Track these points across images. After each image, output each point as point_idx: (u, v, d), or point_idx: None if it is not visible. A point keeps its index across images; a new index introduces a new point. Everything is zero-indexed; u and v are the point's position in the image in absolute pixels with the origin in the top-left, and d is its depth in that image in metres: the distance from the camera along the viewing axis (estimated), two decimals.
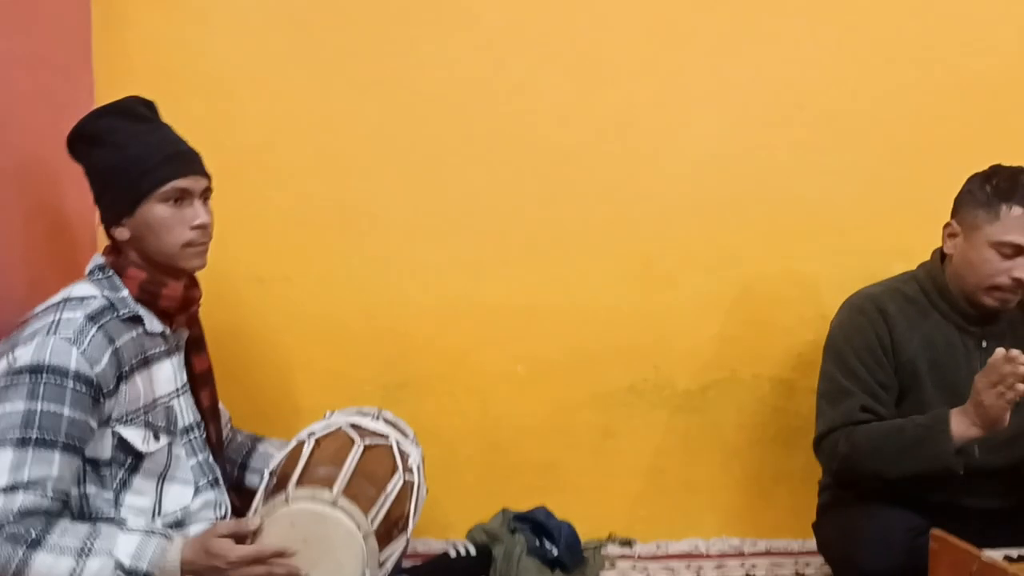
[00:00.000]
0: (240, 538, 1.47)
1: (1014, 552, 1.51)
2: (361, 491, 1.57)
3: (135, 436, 1.53)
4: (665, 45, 2.24)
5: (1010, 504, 1.85)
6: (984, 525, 1.68)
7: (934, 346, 1.85)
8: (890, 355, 1.85)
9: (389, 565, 1.58)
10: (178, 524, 1.58)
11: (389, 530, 1.60)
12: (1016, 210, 1.75)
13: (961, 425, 1.69)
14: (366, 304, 2.23)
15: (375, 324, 2.23)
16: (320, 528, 1.49)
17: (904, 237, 2.10)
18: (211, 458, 1.69)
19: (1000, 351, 1.62)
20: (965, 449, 1.71)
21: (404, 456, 1.72)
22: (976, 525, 1.66)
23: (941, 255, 1.90)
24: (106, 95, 2.03)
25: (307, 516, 1.49)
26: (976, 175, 1.86)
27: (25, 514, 1.39)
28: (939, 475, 1.73)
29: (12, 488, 1.38)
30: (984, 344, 1.85)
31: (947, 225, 1.87)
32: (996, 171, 1.83)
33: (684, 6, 2.24)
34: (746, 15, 2.24)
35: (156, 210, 1.55)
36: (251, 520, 1.50)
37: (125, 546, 1.42)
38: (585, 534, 2.14)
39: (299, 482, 1.54)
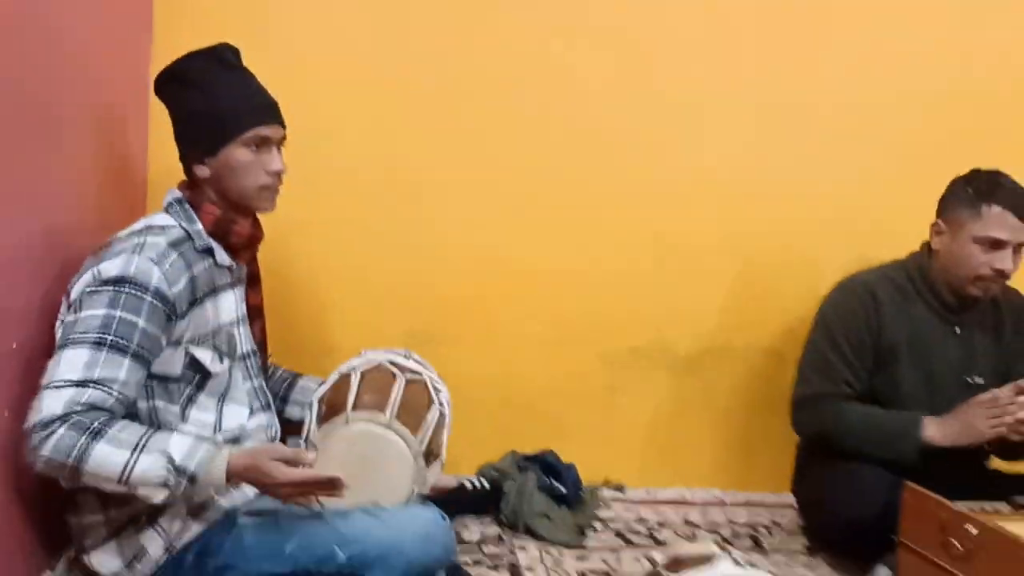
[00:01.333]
0: (293, 464, 1.51)
1: (977, 505, 1.73)
2: (408, 417, 1.73)
3: (205, 356, 1.63)
4: (688, 36, 2.41)
5: (966, 461, 2.05)
6: (948, 483, 1.84)
7: (915, 330, 2.06)
8: (875, 335, 2.04)
9: (429, 485, 1.75)
10: (235, 440, 1.68)
11: (428, 455, 1.78)
12: (996, 208, 1.95)
13: (935, 431, 1.90)
14: (399, 256, 2.37)
15: (406, 275, 2.37)
16: (376, 447, 1.65)
17: (896, 225, 2.28)
18: (264, 384, 1.82)
19: (1007, 388, 1.83)
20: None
21: (437, 391, 1.89)
22: (941, 483, 1.82)
23: (928, 249, 2.10)
24: (164, 41, 2.13)
25: (365, 436, 1.65)
26: (958, 179, 2.06)
27: (91, 407, 1.45)
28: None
29: (83, 383, 1.45)
30: (958, 331, 2.07)
31: (934, 224, 2.07)
32: (976, 174, 2.03)
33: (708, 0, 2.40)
34: (763, 12, 2.42)
35: (238, 153, 1.64)
36: (307, 453, 1.53)
37: (178, 445, 1.46)
38: (583, 479, 2.31)
39: (354, 407, 1.70)
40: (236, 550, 1.56)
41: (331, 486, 1.51)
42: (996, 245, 1.95)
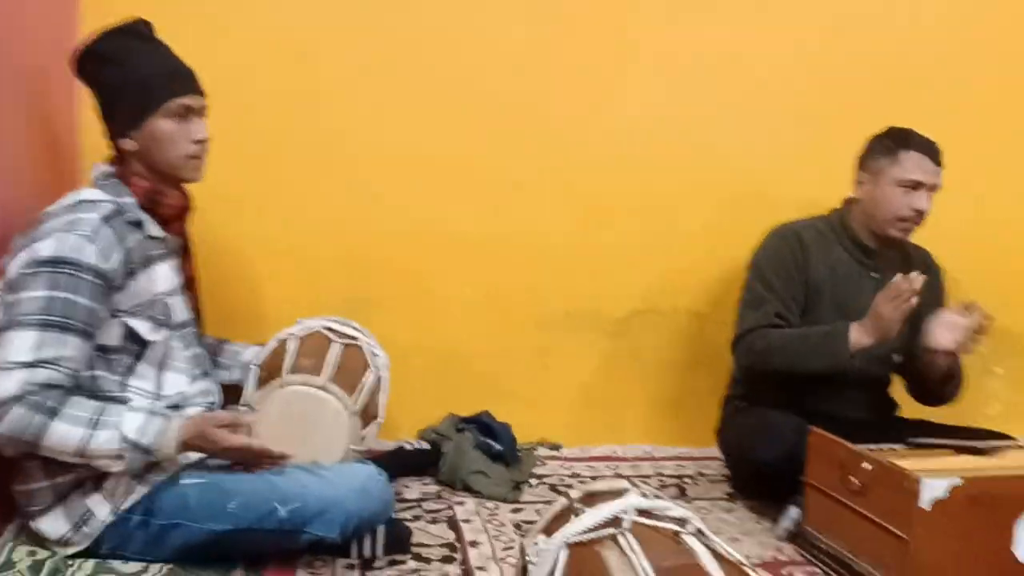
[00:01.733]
0: (235, 428, 1.63)
1: (874, 446, 1.88)
2: (343, 380, 1.82)
3: (142, 326, 1.69)
4: (618, 9, 2.50)
5: (874, 410, 2.27)
6: (855, 429, 1.99)
7: (836, 273, 2.22)
8: (802, 274, 2.20)
9: (366, 443, 1.83)
10: (176, 407, 1.74)
11: (365, 416, 1.86)
12: (913, 154, 2.14)
13: (858, 335, 2.03)
14: (333, 225, 2.42)
15: (341, 244, 2.43)
16: (312, 407, 1.73)
17: (809, 191, 2.42)
18: (201, 351, 1.88)
19: (900, 275, 1.99)
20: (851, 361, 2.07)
21: (374, 356, 1.98)
22: (850, 428, 1.97)
23: (848, 203, 2.26)
24: (92, 13, 2.13)
25: (301, 396, 1.73)
26: (874, 136, 2.23)
27: (45, 387, 1.53)
28: (832, 376, 2.08)
29: (33, 364, 1.52)
30: (874, 275, 2.23)
31: (857, 173, 2.23)
32: (891, 129, 2.22)
33: None
34: None
35: (162, 125, 1.69)
36: (247, 415, 1.66)
37: (131, 422, 1.56)
38: (520, 438, 2.40)
39: (291, 370, 1.78)
40: (180, 510, 1.63)
41: (277, 457, 1.62)
42: (914, 186, 2.13)
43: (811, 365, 2.08)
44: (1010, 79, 2.71)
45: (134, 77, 1.68)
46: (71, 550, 1.65)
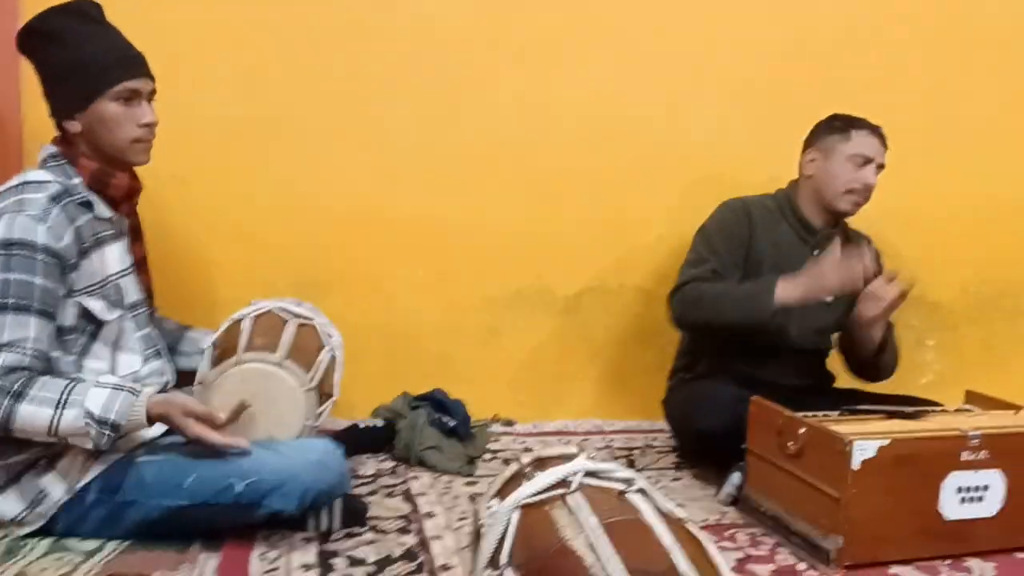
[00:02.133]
0: (204, 421, 1.63)
1: (810, 414, 1.96)
2: (299, 359, 1.84)
3: (95, 305, 1.70)
4: None
5: (813, 382, 2.36)
6: (795, 400, 2.06)
7: (779, 249, 2.30)
8: (745, 247, 2.28)
9: (322, 420, 1.86)
10: None
11: (321, 394, 1.89)
12: (863, 132, 2.25)
13: (785, 288, 2.10)
14: (282, 208, 2.44)
15: (290, 227, 2.45)
16: (267, 384, 1.75)
17: (750, 173, 2.50)
18: (153, 332, 1.89)
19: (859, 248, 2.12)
20: (782, 326, 2.17)
21: (328, 335, 2.00)
22: (789, 399, 2.04)
23: (795, 183, 2.35)
24: None
25: (256, 373, 1.75)
26: (821, 120, 2.32)
27: (8, 370, 1.54)
28: (773, 346, 2.16)
29: None
30: (815, 252, 2.32)
31: (805, 153, 2.32)
32: (838, 114, 2.31)
33: None
34: None
35: (108, 107, 1.69)
36: (218, 414, 1.64)
37: (95, 398, 1.56)
38: (473, 415, 2.43)
39: (246, 349, 1.79)
40: (137, 486, 1.65)
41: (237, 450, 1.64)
42: (864, 162, 2.24)
43: (736, 316, 2.12)
44: (945, 63, 2.81)
45: (82, 58, 1.68)
46: (26, 530, 1.66)
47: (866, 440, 1.71)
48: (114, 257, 1.78)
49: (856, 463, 1.69)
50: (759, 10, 2.67)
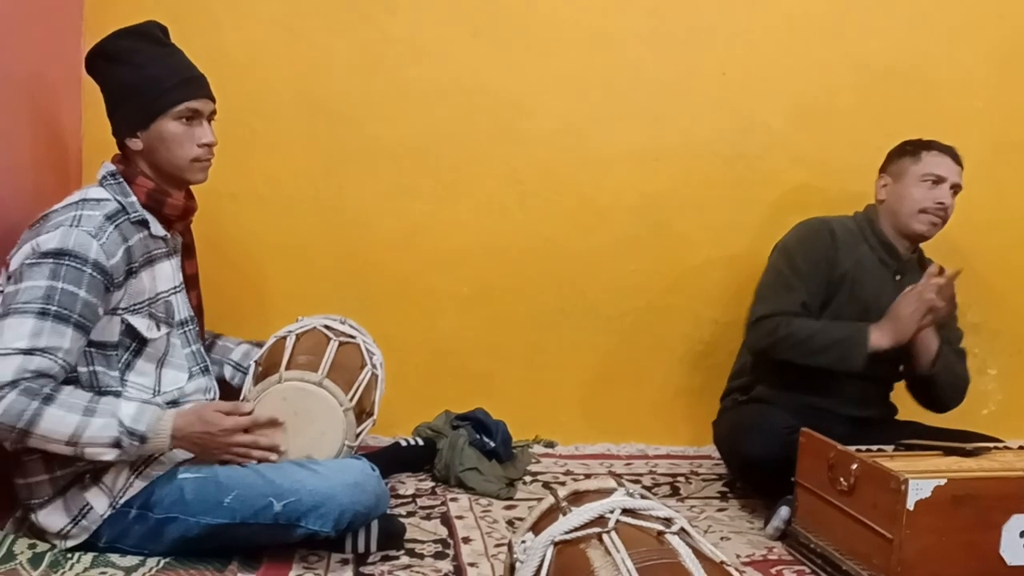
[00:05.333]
0: (232, 412, 1.67)
1: (863, 448, 1.90)
2: (339, 377, 1.84)
3: (141, 324, 1.72)
4: (614, 15, 2.53)
5: (873, 413, 2.28)
6: (851, 430, 2.04)
7: (861, 269, 2.24)
8: (830, 265, 2.22)
9: (361, 440, 1.86)
10: (173, 403, 1.77)
11: (360, 413, 1.89)
12: (934, 153, 2.22)
13: (877, 337, 2.07)
14: (330, 226, 2.46)
15: (337, 244, 2.47)
16: (308, 402, 1.75)
17: (798, 189, 2.44)
18: (202, 349, 1.91)
19: (933, 267, 2.09)
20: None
21: (371, 354, 2.00)
22: (845, 429, 2.03)
23: (874, 205, 2.29)
24: (95, 16, 2.17)
25: (297, 391, 1.75)
26: (894, 147, 2.28)
27: (38, 374, 1.55)
28: (841, 371, 2.11)
29: (30, 351, 1.55)
30: (897, 277, 2.25)
31: (879, 178, 2.28)
32: (909, 140, 2.27)
33: None
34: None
35: (169, 126, 1.72)
36: (245, 404, 1.70)
37: (126, 409, 1.59)
38: (514, 436, 2.42)
39: (288, 366, 1.80)
40: (177, 504, 1.66)
41: (271, 426, 1.68)
42: (937, 181, 2.19)
43: (826, 361, 2.11)
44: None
45: (145, 78, 1.71)
46: (70, 543, 1.68)
47: (921, 479, 1.64)
48: (165, 275, 1.80)
49: (911, 503, 1.62)
50: (811, 28, 2.61)
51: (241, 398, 1.84)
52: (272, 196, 2.42)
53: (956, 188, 2.21)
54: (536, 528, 1.27)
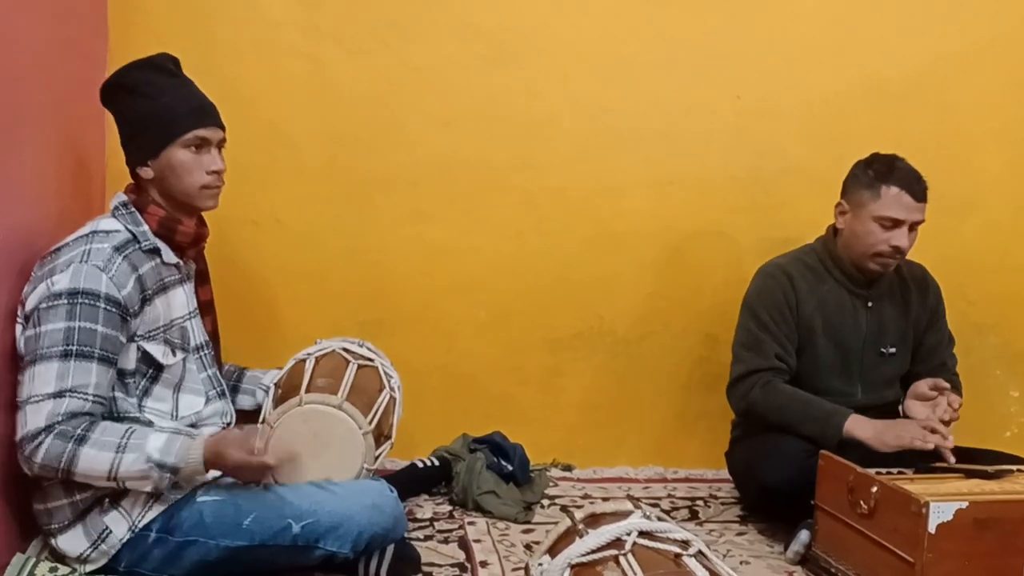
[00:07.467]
0: (243, 445, 1.63)
1: (883, 470, 1.88)
2: (358, 400, 1.86)
3: (156, 350, 1.74)
4: (629, 41, 2.54)
5: None
6: (865, 454, 2.00)
7: (828, 306, 2.21)
8: (794, 312, 2.19)
9: (379, 462, 1.87)
10: (191, 427, 1.79)
11: (378, 435, 1.90)
12: (893, 189, 2.09)
13: (855, 426, 2.02)
14: (351, 250, 2.47)
15: (355, 268, 2.48)
16: (328, 425, 1.77)
17: (814, 213, 2.42)
18: (218, 373, 1.92)
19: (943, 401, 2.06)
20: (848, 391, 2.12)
21: (388, 377, 2.02)
22: (859, 454, 1.99)
23: (834, 230, 2.25)
24: (120, 48, 2.23)
25: (317, 414, 1.77)
26: (859, 162, 2.20)
27: (71, 415, 1.59)
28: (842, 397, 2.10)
29: (59, 394, 1.58)
30: (870, 304, 2.22)
31: (838, 204, 2.21)
32: (875, 157, 2.17)
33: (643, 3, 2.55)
34: (695, 16, 2.56)
35: (179, 155, 1.75)
36: (261, 433, 1.65)
37: (155, 442, 1.61)
38: (532, 459, 2.42)
39: (308, 389, 1.82)
40: (196, 526, 1.67)
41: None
42: (893, 224, 2.10)
43: (802, 430, 2.08)
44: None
45: (156, 108, 1.75)
46: (90, 567, 1.69)
47: (943, 502, 1.62)
48: (179, 301, 1.82)
49: (932, 526, 1.61)
50: (826, 52, 2.61)
51: (261, 420, 1.85)
52: (292, 222, 2.44)
53: (916, 226, 2.12)
54: (553, 551, 1.27)
